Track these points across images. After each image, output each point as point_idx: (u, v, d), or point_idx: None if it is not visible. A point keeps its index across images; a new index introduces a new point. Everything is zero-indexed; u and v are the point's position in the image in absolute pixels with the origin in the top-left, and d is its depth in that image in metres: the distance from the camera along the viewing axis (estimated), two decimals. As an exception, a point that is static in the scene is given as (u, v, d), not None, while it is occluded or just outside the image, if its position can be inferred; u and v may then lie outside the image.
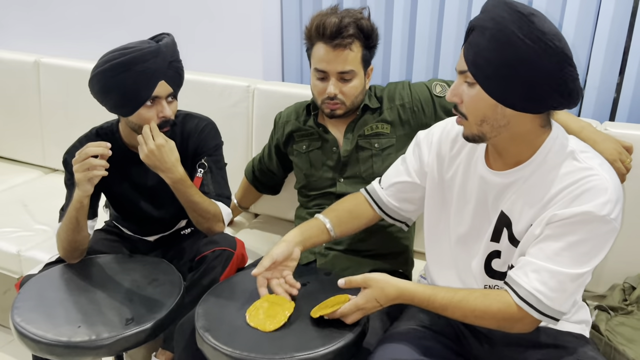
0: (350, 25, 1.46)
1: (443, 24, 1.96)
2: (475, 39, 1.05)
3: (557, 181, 1.08)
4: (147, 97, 1.43)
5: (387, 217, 1.44)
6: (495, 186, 1.18)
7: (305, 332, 1.19)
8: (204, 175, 1.60)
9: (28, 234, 2.07)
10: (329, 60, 1.48)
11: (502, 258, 1.20)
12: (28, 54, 2.63)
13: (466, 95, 1.10)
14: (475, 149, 1.23)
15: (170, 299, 1.34)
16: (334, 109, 1.55)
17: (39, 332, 1.23)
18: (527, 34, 1.00)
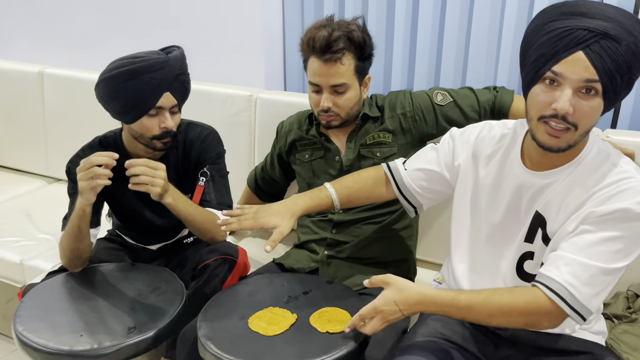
0: (340, 39, 1.46)
1: (444, 33, 1.96)
2: (610, 49, 0.98)
3: (595, 182, 1.09)
4: (150, 107, 1.45)
5: (402, 198, 1.43)
6: (532, 186, 1.17)
7: (307, 340, 1.19)
8: (205, 184, 1.61)
9: (31, 243, 2.08)
10: (321, 74, 1.50)
11: (535, 259, 1.19)
12: (32, 65, 2.65)
13: (582, 105, 1.02)
14: (511, 151, 1.23)
15: (173, 307, 1.34)
16: (329, 120, 1.56)
17: (41, 340, 1.23)
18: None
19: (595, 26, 0.99)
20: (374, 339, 1.29)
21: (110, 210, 1.73)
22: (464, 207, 1.32)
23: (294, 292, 1.38)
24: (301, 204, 1.38)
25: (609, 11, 1.00)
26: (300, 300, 1.35)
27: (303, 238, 1.71)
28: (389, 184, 1.44)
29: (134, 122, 1.48)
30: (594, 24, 0.99)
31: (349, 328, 1.18)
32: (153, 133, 1.49)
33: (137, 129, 1.49)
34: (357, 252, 1.60)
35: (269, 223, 1.31)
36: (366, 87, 1.60)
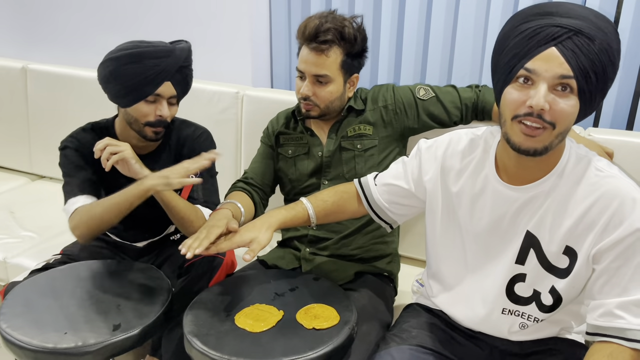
0: (329, 30, 1.47)
1: (430, 31, 1.98)
2: (583, 46, 0.97)
3: (584, 194, 1.06)
4: (149, 93, 1.46)
5: (373, 215, 1.41)
6: (513, 202, 1.13)
7: (293, 336, 1.20)
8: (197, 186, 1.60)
9: (14, 241, 2.06)
10: (306, 62, 1.51)
11: (527, 282, 1.16)
12: (15, 60, 2.62)
13: (559, 103, 0.99)
14: (484, 163, 1.18)
15: (158, 305, 1.33)
16: (307, 109, 1.57)
17: (24, 338, 1.22)
18: (619, 50, 1.01)
19: (568, 23, 0.97)
20: (360, 334, 1.30)
21: None
22: (436, 225, 1.28)
23: (280, 288, 1.38)
24: (277, 215, 1.34)
25: (581, 11, 1.00)
26: (286, 296, 1.35)
27: (285, 235, 1.72)
28: (361, 200, 1.41)
29: (130, 106, 1.49)
30: (566, 22, 0.98)
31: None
32: (147, 119, 1.50)
33: (133, 113, 1.50)
34: (338, 248, 1.61)
35: (245, 238, 1.26)
36: (353, 85, 1.60)
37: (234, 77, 2.30)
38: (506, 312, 1.19)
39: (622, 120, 1.81)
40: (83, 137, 1.58)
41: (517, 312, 1.19)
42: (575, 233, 1.07)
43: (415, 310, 1.38)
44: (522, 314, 1.18)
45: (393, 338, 1.28)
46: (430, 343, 1.25)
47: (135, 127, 1.53)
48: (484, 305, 1.21)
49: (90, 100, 2.36)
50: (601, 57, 0.97)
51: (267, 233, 1.28)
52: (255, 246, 1.24)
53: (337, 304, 1.30)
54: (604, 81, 1.00)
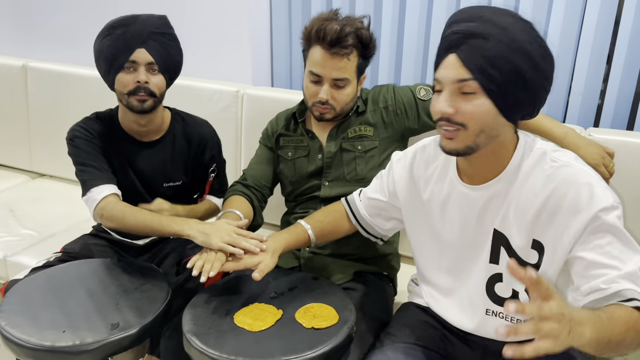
0: (350, 34, 1.45)
1: (431, 31, 1.98)
2: (478, 46, 1.01)
3: (542, 185, 1.08)
4: (124, 61, 1.47)
5: (362, 230, 1.45)
6: (475, 202, 1.16)
7: (293, 336, 1.20)
8: (213, 179, 1.74)
9: (14, 239, 2.06)
10: (325, 66, 1.48)
11: (505, 281, 1.17)
12: (16, 59, 2.62)
13: (464, 105, 1.03)
14: (448, 168, 1.21)
15: (157, 305, 1.33)
16: (323, 112, 1.55)
17: (23, 336, 1.22)
18: (533, 40, 1.01)
19: (462, 28, 1.02)
20: (358, 334, 1.30)
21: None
22: (417, 232, 1.31)
23: (279, 288, 1.38)
24: (281, 241, 1.37)
25: (478, 12, 1.03)
26: (285, 296, 1.35)
27: None
28: (350, 217, 1.45)
29: (114, 81, 1.51)
30: (462, 27, 1.03)
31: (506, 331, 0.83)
32: (128, 89, 1.50)
33: (118, 88, 1.52)
34: (338, 248, 1.60)
35: (253, 261, 1.30)
36: (361, 84, 1.60)
37: (234, 75, 2.29)
38: (490, 314, 1.20)
39: (622, 120, 1.81)
40: (90, 125, 1.60)
41: (501, 313, 1.19)
42: (539, 225, 1.09)
43: (409, 309, 1.39)
44: (506, 316, 1.18)
45: (387, 337, 1.29)
46: (424, 341, 1.26)
47: (123, 102, 1.54)
48: (470, 308, 1.23)
49: (91, 99, 2.36)
50: (501, 52, 0.99)
51: (274, 258, 1.32)
52: (264, 267, 1.29)
53: (336, 304, 1.30)
54: (515, 74, 1.00)
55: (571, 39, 1.80)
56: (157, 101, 1.53)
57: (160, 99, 1.55)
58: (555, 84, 1.80)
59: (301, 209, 1.66)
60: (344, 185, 1.59)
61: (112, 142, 1.59)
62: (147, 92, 1.50)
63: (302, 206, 1.67)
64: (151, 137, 1.65)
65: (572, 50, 1.81)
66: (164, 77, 1.53)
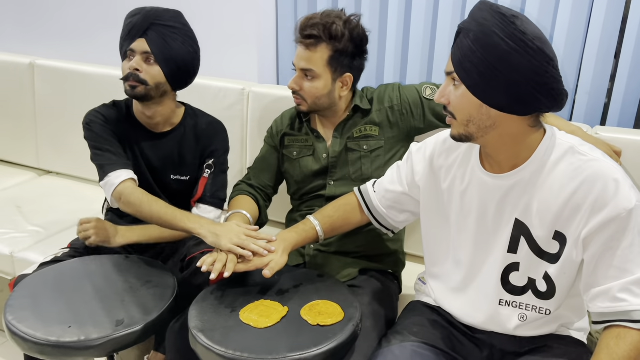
0: (316, 26, 1.48)
1: (437, 28, 1.97)
2: (461, 41, 1.07)
3: (568, 177, 1.09)
4: (126, 49, 1.55)
5: (374, 222, 1.46)
6: (496, 190, 1.17)
7: (298, 333, 1.20)
8: (208, 176, 1.66)
9: (21, 236, 2.06)
10: (297, 56, 1.54)
11: (521, 270, 1.18)
12: (23, 56, 2.63)
13: (453, 95, 1.11)
14: (470, 157, 1.23)
15: (163, 302, 1.34)
16: (297, 103, 1.59)
17: (29, 331, 1.22)
18: (508, 35, 1.02)
19: (460, 24, 1.10)
20: (364, 331, 1.30)
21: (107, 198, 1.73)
22: (432, 222, 1.32)
23: (285, 285, 1.38)
24: (290, 239, 1.39)
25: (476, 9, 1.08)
26: (291, 293, 1.35)
27: None
28: (363, 208, 1.46)
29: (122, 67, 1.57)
30: (461, 23, 1.10)
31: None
32: (123, 75, 1.55)
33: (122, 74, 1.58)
34: (343, 245, 1.60)
35: (263, 263, 1.32)
36: (346, 85, 1.57)
37: (239, 73, 2.30)
38: (503, 304, 1.21)
39: (629, 118, 1.80)
40: (107, 112, 1.64)
41: (515, 302, 1.20)
42: (563, 217, 1.10)
43: (417, 307, 1.39)
44: (520, 305, 1.20)
45: (395, 335, 1.28)
46: (431, 340, 1.26)
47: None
48: (482, 299, 1.23)
49: (98, 96, 2.33)
50: (473, 47, 1.04)
51: (284, 257, 1.35)
52: (274, 266, 1.31)
53: (341, 301, 1.30)
54: (488, 68, 1.03)
55: (578, 37, 1.79)
56: (149, 89, 1.54)
57: (157, 89, 1.56)
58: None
59: (306, 207, 1.67)
60: (350, 184, 1.59)
61: (125, 129, 1.64)
62: (136, 79, 1.53)
63: (308, 204, 1.67)
64: (162, 129, 1.68)
65: (579, 48, 1.80)
66: (162, 69, 1.54)
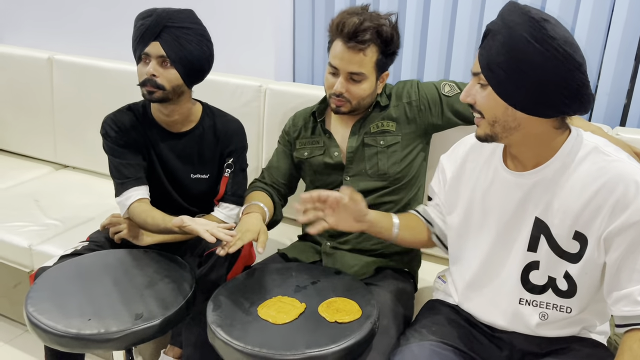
0: (368, 30, 1.46)
1: (455, 26, 1.96)
2: (488, 42, 1.08)
3: (591, 178, 1.08)
4: (140, 52, 1.53)
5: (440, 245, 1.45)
6: (517, 188, 1.17)
7: (316, 329, 1.20)
8: (229, 175, 1.68)
9: (39, 229, 2.09)
10: (342, 59, 1.49)
11: (541, 269, 1.18)
12: (41, 51, 2.65)
13: (479, 96, 1.12)
14: (493, 156, 1.24)
15: (181, 296, 1.35)
16: (338, 105, 1.56)
17: (50, 322, 1.24)
18: (536, 39, 1.01)
19: (489, 25, 1.11)
20: (380, 329, 1.30)
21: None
22: (454, 223, 1.32)
23: (302, 281, 1.39)
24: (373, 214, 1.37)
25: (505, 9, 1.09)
26: (308, 289, 1.35)
27: (306, 229, 1.72)
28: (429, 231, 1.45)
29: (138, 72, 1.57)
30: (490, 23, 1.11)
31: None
32: (140, 80, 1.55)
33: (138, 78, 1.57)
34: (359, 243, 1.60)
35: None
36: (382, 82, 1.59)
37: (256, 70, 2.30)
38: (524, 303, 1.21)
39: (650, 120, 1.78)
40: (122, 118, 1.65)
41: (535, 301, 1.20)
42: (583, 217, 1.10)
43: (435, 306, 1.38)
44: (540, 303, 1.19)
45: (413, 334, 1.28)
46: (450, 339, 1.25)
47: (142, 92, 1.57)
48: (503, 298, 1.23)
49: (115, 91, 2.38)
50: (502, 50, 1.05)
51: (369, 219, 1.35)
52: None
53: (358, 298, 1.30)
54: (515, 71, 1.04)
55: (599, 38, 1.77)
56: (167, 93, 1.55)
57: (174, 92, 1.56)
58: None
59: None
60: (366, 180, 1.59)
61: (142, 133, 1.64)
62: (153, 84, 1.53)
63: None
64: (179, 128, 1.67)
65: (599, 49, 1.78)
66: (178, 71, 1.54)
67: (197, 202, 1.70)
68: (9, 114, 2.78)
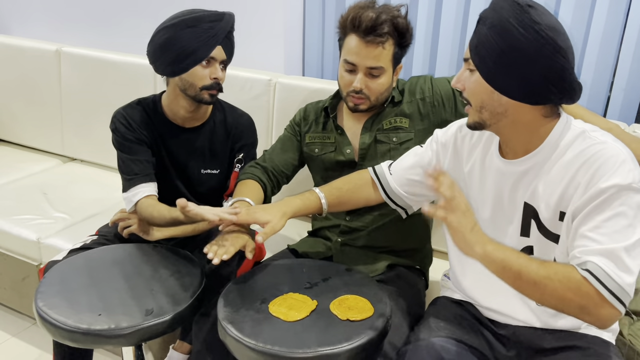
0: (386, 22, 1.44)
1: (468, 20, 1.94)
2: (479, 28, 1.10)
3: (573, 160, 1.09)
4: (205, 56, 1.52)
5: (390, 202, 1.47)
6: (509, 176, 1.18)
7: (328, 327, 1.19)
8: (239, 170, 1.68)
9: (47, 222, 2.08)
10: (360, 54, 1.46)
11: (536, 253, 1.18)
12: (49, 43, 2.64)
13: (468, 81, 1.14)
14: (491, 143, 1.24)
15: (191, 292, 1.34)
16: (357, 103, 1.53)
17: (60, 317, 1.23)
18: (520, 23, 1.03)
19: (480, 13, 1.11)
20: (392, 327, 1.28)
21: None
22: None
23: (313, 278, 1.37)
24: (292, 204, 1.41)
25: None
26: (320, 286, 1.34)
27: (317, 225, 1.70)
28: (377, 187, 1.47)
29: (187, 71, 1.53)
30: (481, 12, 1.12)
31: (428, 175, 1.08)
32: (204, 83, 1.54)
33: (189, 79, 1.54)
34: (371, 240, 1.59)
35: (262, 218, 1.34)
36: (397, 75, 1.57)
37: (265, 64, 2.28)
38: None
39: (667, 117, 1.76)
40: (131, 113, 1.63)
41: None
42: (566, 197, 1.10)
43: (442, 303, 1.38)
44: None
45: (422, 330, 1.27)
46: (458, 335, 1.24)
47: (190, 92, 1.56)
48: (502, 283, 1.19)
49: (124, 84, 2.37)
50: (488, 34, 1.06)
51: (282, 220, 1.35)
52: (269, 230, 1.31)
53: (370, 296, 1.29)
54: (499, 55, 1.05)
55: (615, 34, 1.74)
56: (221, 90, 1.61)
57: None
58: (595, 79, 1.78)
59: None
60: None
61: (152, 128, 1.63)
62: (219, 88, 1.57)
63: None
64: (192, 124, 1.67)
65: (615, 45, 1.76)
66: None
67: (207, 198, 1.69)
68: (16, 107, 2.77)
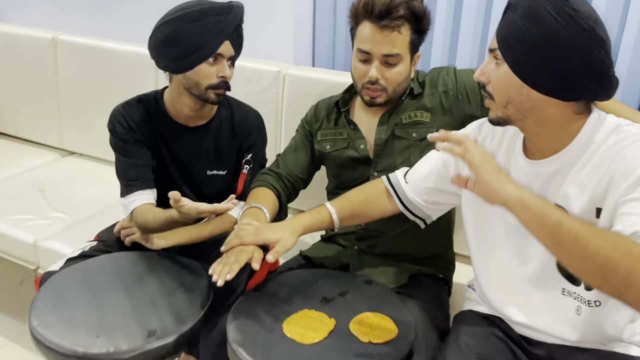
0: (401, 5, 1.33)
1: (492, 10, 1.81)
2: (508, 16, 1.02)
3: (604, 155, 1.01)
4: (212, 52, 1.39)
5: (407, 212, 1.37)
6: (537, 177, 1.10)
7: (349, 351, 1.09)
8: (248, 175, 1.58)
9: (45, 223, 1.98)
10: (375, 41, 1.35)
11: None
12: (45, 31, 2.53)
13: (494, 74, 1.06)
14: (515, 143, 1.17)
15: (197, 309, 1.24)
16: (374, 96, 1.42)
17: (55, 339, 1.13)
18: (558, 12, 0.96)
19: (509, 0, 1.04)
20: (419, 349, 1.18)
21: None
22: (472, 216, 1.25)
23: (329, 292, 1.27)
24: (302, 221, 1.32)
25: None
26: (337, 302, 1.24)
27: (330, 232, 1.60)
28: (392, 198, 1.37)
29: (192, 69, 1.41)
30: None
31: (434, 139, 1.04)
32: (210, 82, 1.43)
33: (194, 77, 1.43)
34: (390, 247, 1.49)
35: (272, 237, 1.24)
36: (414, 65, 1.46)
37: (274, 54, 2.17)
38: (566, 293, 1.12)
39: None
40: (131, 112, 1.52)
41: (575, 293, 1.11)
42: (600, 192, 1.02)
43: (469, 318, 1.29)
44: (577, 296, 1.11)
45: (448, 349, 1.19)
46: (488, 354, 1.15)
47: (195, 91, 1.45)
48: (538, 292, 1.14)
49: (122, 73, 2.27)
50: (520, 23, 0.99)
51: (292, 237, 1.26)
52: (280, 248, 1.22)
53: (393, 313, 1.19)
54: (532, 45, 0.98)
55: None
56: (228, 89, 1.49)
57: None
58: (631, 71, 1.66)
59: None
60: None
61: (153, 128, 1.52)
62: (226, 87, 1.45)
63: None
64: (196, 122, 1.56)
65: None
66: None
67: (213, 201, 1.58)
68: (12, 98, 2.67)
